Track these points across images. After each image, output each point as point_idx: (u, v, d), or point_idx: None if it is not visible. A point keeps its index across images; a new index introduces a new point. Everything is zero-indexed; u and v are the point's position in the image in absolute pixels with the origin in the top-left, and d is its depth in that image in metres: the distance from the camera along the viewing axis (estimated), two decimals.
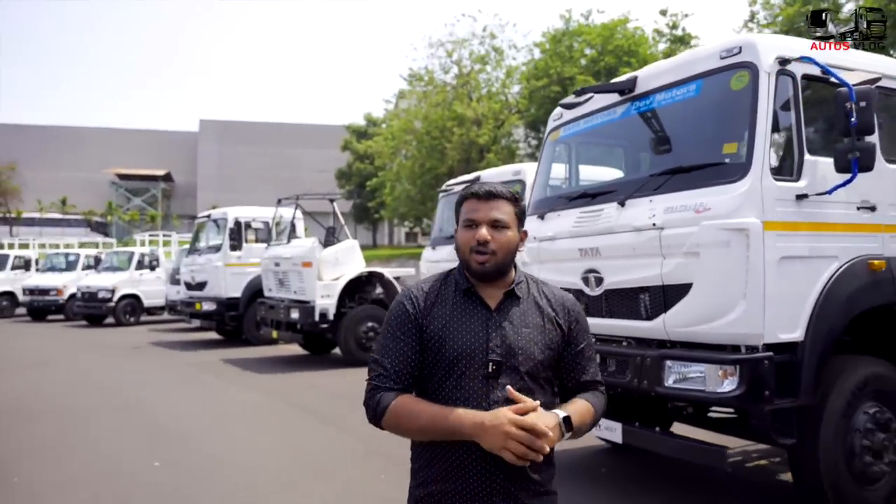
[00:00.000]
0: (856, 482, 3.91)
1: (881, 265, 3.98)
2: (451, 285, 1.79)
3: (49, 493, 4.68)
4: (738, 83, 3.86)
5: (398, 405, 1.64)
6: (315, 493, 4.76)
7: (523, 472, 1.66)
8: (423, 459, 1.73)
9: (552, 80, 29.84)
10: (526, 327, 1.73)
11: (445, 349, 1.69)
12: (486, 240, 1.70)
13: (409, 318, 1.73)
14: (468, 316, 1.72)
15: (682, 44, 31.47)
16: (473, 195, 1.76)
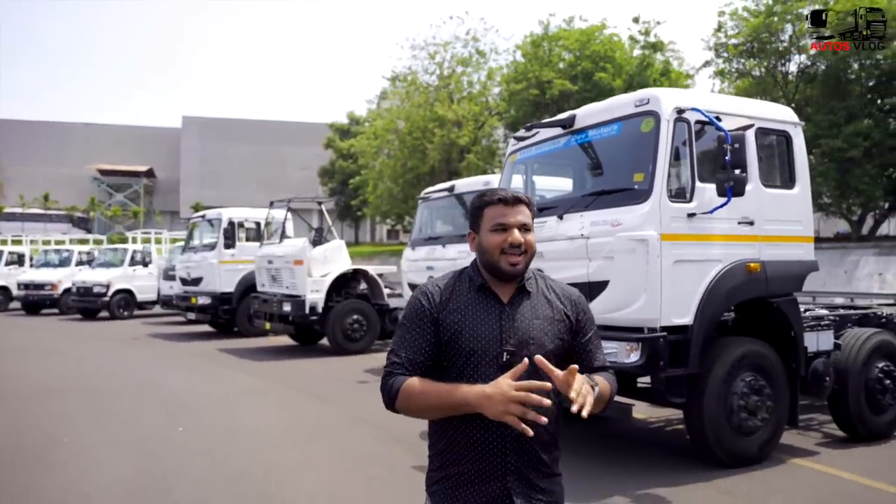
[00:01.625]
0: (735, 434, 5.10)
1: (756, 267, 5.17)
2: (465, 282, 1.90)
3: (97, 450, 5.73)
4: (646, 127, 5.02)
5: (408, 386, 1.76)
6: (313, 451, 5.86)
7: (535, 453, 1.79)
8: (442, 444, 1.85)
9: (531, 84, 30.92)
10: (537, 319, 1.84)
11: (462, 341, 1.79)
12: (520, 242, 1.82)
13: (424, 313, 1.84)
14: (483, 310, 1.83)
15: (654, 50, 32.67)
16: (501, 201, 1.86)
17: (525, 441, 1.74)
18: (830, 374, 5.64)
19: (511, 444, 1.75)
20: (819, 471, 5.12)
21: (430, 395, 1.73)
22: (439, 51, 33.96)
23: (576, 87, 30.13)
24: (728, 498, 4.52)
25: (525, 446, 1.76)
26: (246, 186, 68.26)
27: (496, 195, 1.87)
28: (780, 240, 5.37)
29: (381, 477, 4.99)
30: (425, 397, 1.73)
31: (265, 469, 5.23)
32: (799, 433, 6.26)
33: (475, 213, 1.90)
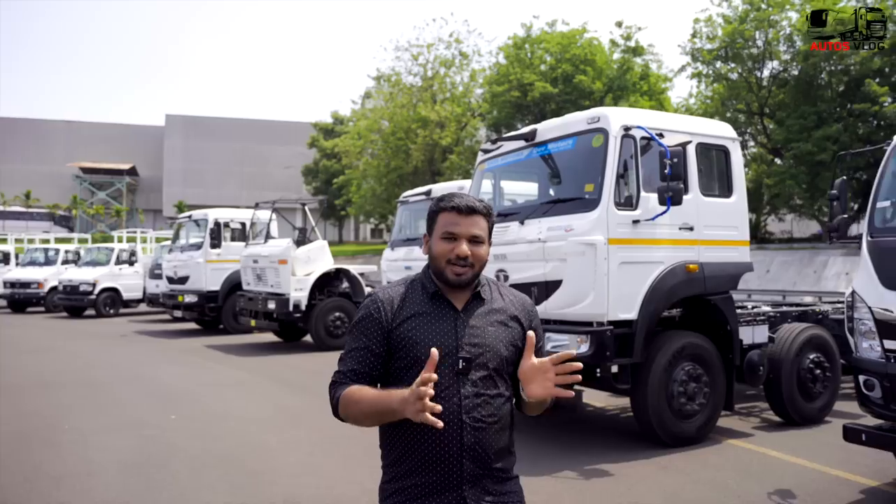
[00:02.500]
0: (675, 417, 5.71)
1: (695, 268, 5.78)
2: (417, 289, 1.86)
3: (96, 435, 6.22)
4: (597, 142, 5.61)
5: (345, 395, 1.76)
6: (296, 434, 6.39)
7: (489, 461, 1.77)
8: (394, 455, 1.82)
9: (512, 86, 31.47)
10: (492, 326, 1.83)
11: (417, 349, 1.76)
12: (466, 255, 1.78)
13: (374, 322, 1.82)
14: (437, 318, 1.80)
15: (634, 54, 33.34)
16: (454, 209, 1.82)
17: (482, 448, 1.74)
18: (764, 365, 6.28)
19: (467, 452, 1.73)
20: (750, 449, 5.74)
21: (363, 403, 1.73)
22: (423, 52, 34.41)
23: (556, 90, 30.73)
24: (663, 472, 5.12)
25: (482, 454, 1.75)
26: (229, 185, 68.29)
27: (451, 202, 1.83)
28: (717, 244, 5.99)
29: (356, 455, 5.54)
30: (359, 405, 1.74)
31: (252, 449, 5.77)
32: (740, 418, 6.90)
33: (430, 217, 1.88)
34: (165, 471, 5.19)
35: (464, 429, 1.72)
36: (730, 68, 28.53)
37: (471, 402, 1.74)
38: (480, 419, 1.74)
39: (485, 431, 1.74)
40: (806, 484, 4.78)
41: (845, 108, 24.94)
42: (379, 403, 1.69)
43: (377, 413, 1.71)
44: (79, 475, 5.07)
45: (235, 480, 4.97)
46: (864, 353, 4.28)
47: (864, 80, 23.73)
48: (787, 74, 27.37)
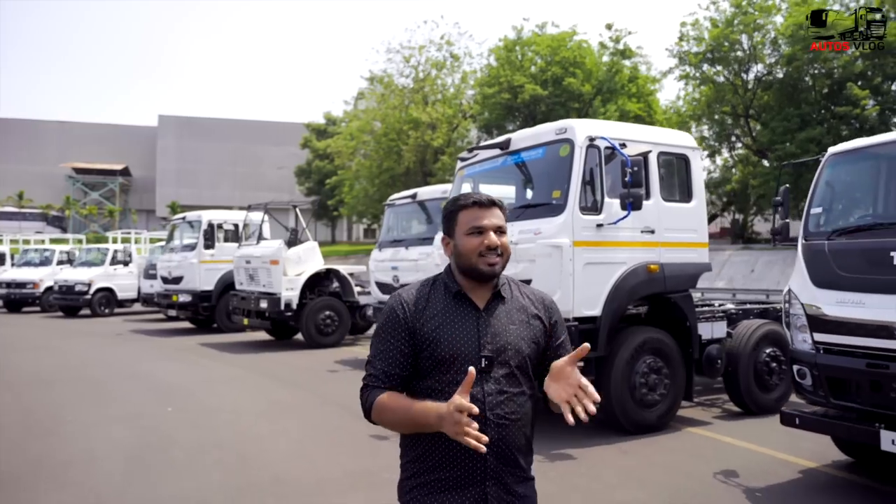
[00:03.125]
0: (637, 406, 6.16)
1: (656, 268, 6.23)
2: (440, 289, 1.90)
3: (97, 425, 6.62)
4: (564, 151, 6.05)
5: (380, 402, 1.78)
6: (286, 424, 6.80)
7: (513, 457, 1.80)
8: (416, 452, 1.83)
9: (503, 88, 31.86)
10: (513, 324, 1.86)
11: (440, 349, 1.79)
12: (496, 244, 1.84)
13: (399, 323, 1.84)
14: (460, 317, 1.83)
15: (623, 57, 33.73)
16: (476, 203, 1.87)
17: (505, 445, 1.78)
18: (722, 358, 6.75)
19: (492, 448, 1.74)
20: (706, 436, 6.19)
21: (398, 413, 1.76)
22: (414, 54, 34.74)
23: (546, 92, 31.10)
24: (623, 455, 5.56)
25: (505, 450, 1.79)
26: (222, 185, 68.47)
27: (471, 198, 1.89)
28: (677, 245, 6.44)
29: (344, 443, 5.96)
30: (394, 414, 1.77)
31: (244, 438, 6.19)
32: (703, 408, 7.37)
33: (449, 217, 1.91)
34: (163, 457, 5.60)
35: (487, 425, 1.74)
36: (716, 71, 29.04)
37: (494, 400, 1.77)
38: (504, 416, 1.78)
39: (508, 428, 1.78)
40: (751, 465, 5.23)
41: (829, 111, 25.37)
42: (416, 416, 1.72)
43: (413, 425, 1.76)
44: (83, 461, 5.48)
45: (228, 465, 5.38)
46: (797, 346, 4.73)
47: (846, 83, 24.20)
48: (772, 77, 27.88)
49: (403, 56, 34.65)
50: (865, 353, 4.24)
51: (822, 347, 4.54)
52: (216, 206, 49.48)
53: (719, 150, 31.74)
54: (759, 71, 28.42)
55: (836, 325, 4.41)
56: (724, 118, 30.12)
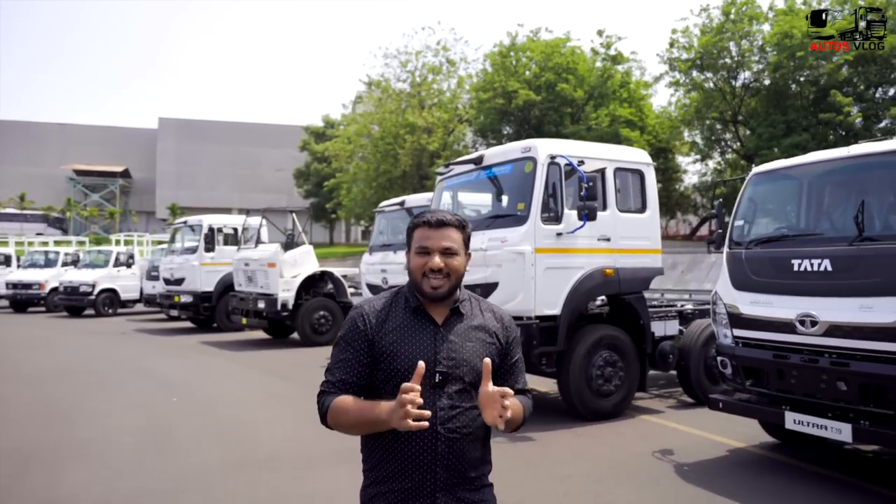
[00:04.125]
0: (594, 396, 6.88)
1: (611, 272, 6.96)
2: (400, 302, 1.93)
3: (109, 413, 7.33)
4: (528, 168, 6.78)
5: (335, 404, 1.84)
6: (282, 413, 7.53)
7: (463, 471, 1.84)
8: (373, 461, 1.88)
9: (497, 93, 32.54)
10: (470, 341, 1.88)
11: (397, 362, 1.83)
12: (439, 267, 1.84)
13: (359, 334, 1.89)
14: (417, 331, 1.87)
15: (614, 63, 34.40)
16: (425, 223, 1.89)
17: (455, 458, 1.82)
18: (675, 353, 7.48)
19: (441, 460, 1.80)
20: (656, 422, 6.92)
21: (351, 413, 1.81)
22: (411, 59, 35.40)
23: (539, 97, 31.77)
24: (577, 438, 6.29)
25: (455, 463, 1.82)
26: (221, 187, 69.17)
27: (422, 218, 1.92)
28: (631, 252, 7.17)
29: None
30: (348, 416, 1.81)
31: (243, 423, 6.92)
32: (660, 399, 8.09)
33: (407, 234, 1.96)
34: (170, 438, 6.33)
35: (438, 439, 1.79)
36: (704, 78, 29.72)
37: (446, 414, 1.80)
38: (455, 430, 1.81)
39: (459, 442, 1.81)
40: (687, 446, 5.95)
41: (814, 118, 25.94)
42: (367, 414, 1.77)
43: (365, 423, 1.79)
44: (99, 441, 6.20)
45: (228, 445, 6.10)
46: (721, 340, 5.46)
47: (831, 90, 24.83)
48: (759, 84, 28.57)
49: (400, 61, 35.34)
50: (772, 345, 4.97)
51: (740, 341, 5.26)
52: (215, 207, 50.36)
53: (711, 154, 32.43)
54: (746, 78, 29.08)
55: (750, 322, 5.14)
56: (713, 124, 30.79)
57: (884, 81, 25.92)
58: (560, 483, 4.97)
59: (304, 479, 5.16)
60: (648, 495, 4.78)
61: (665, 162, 35.94)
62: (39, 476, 5.20)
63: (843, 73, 25.43)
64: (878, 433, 4.43)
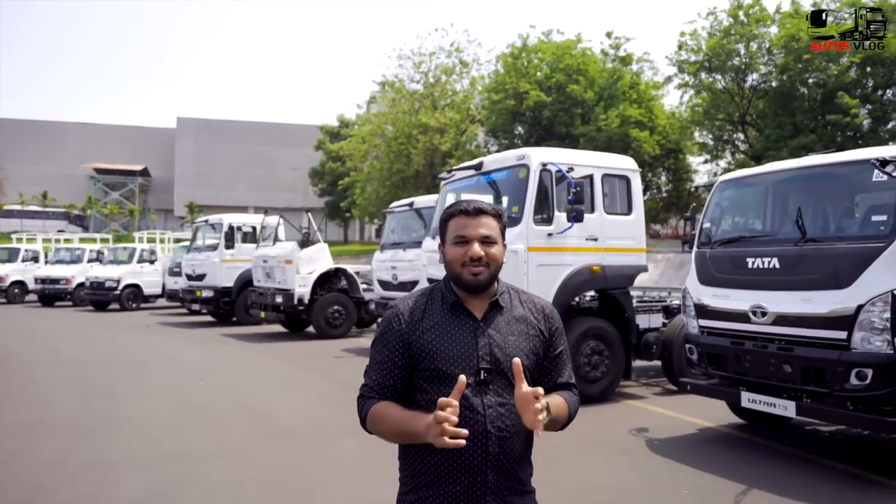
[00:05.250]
0: (582, 382, 7.55)
1: (598, 269, 7.63)
2: (437, 299, 1.85)
3: (144, 394, 8.12)
4: (522, 174, 7.47)
5: (374, 411, 1.77)
6: (297, 394, 8.28)
7: (513, 471, 1.76)
8: (415, 466, 1.79)
9: (508, 95, 33.10)
10: (512, 335, 1.80)
11: (437, 361, 1.75)
12: (479, 256, 1.77)
13: (395, 335, 1.81)
14: (456, 327, 1.79)
15: (624, 64, 34.83)
16: (462, 212, 1.83)
17: (506, 458, 1.74)
18: (658, 344, 8.15)
19: (492, 462, 1.72)
20: (638, 406, 7.59)
21: (390, 422, 1.74)
22: (424, 60, 35.96)
23: (550, 98, 32.27)
24: None
25: (506, 464, 1.75)
26: (238, 186, 70.26)
27: (458, 206, 1.85)
28: (617, 251, 7.83)
29: (343, 407, 7.38)
30: (387, 425, 1.74)
31: (263, 403, 7.67)
32: (647, 387, 8.75)
33: (442, 226, 1.89)
34: (200, 415, 7.10)
35: (489, 438, 1.71)
36: (712, 81, 30.12)
37: (495, 412, 1.73)
38: (505, 428, 1.73)
39: (509, 441, 1.74)
40: (662, 425, 6.62)
41: (824, 118, 26.20)
42: (405, 426, 1.69)
43: (404, 435, 1.72)
44: (138, 417, 6.98)
45: (251, 421, 6.86)
46: (690, 330, 6.13)
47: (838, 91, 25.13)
48: (767, 86, 28.93)
49: (414, 62, 35.89)
50: (730, 334, 5.64)
51: (705, 330, 5.93)
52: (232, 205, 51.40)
53: (722, 154, 32.80)
54: (754, 80, 29.44)
55: (713, 313, 5.80)
56: (722, 125, 31.18)
57: (892, 83, 26.19)
58: (539, 452, 5.65)
59: (318, 447, 5.90)
60: (618, 462, 5.47)
61: (675, 162, 36.44)
62: (89, 444, 5.97)
63: (851, 74, 25.71)
64: (817, 409, 5.10)
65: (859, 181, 5.14)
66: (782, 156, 24.81)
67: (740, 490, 4.73)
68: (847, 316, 4.76)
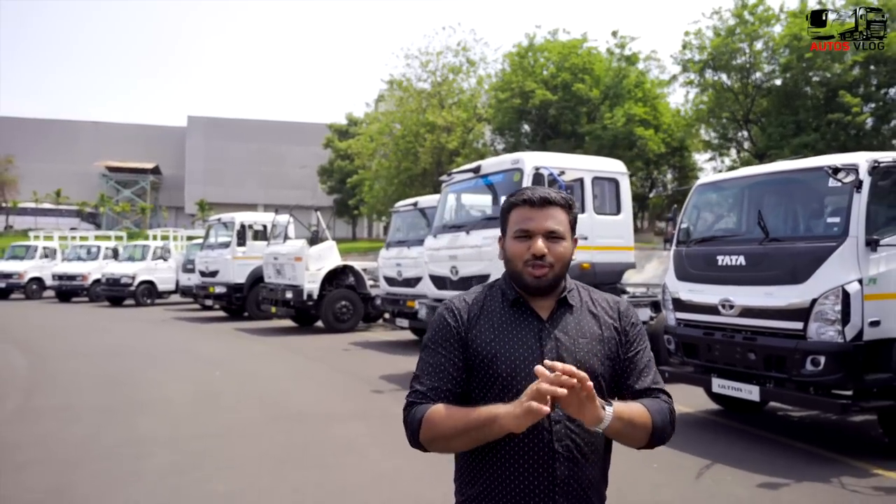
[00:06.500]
0: None
1: (588, 266, 8.16)
2: (496, 295, 1.66)
3: (165, 382, 8.71)
4: (517, 177, 8.00)
5: (432, 412, 1.53)
6: (307, 384, 8.85)
7: (586, 496, 1.55)
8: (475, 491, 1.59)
9: (515, 93, 33.53)
10: (583, 338, 1.58)
11: (497, 365, 1.55)
12: (542, 253, 1.57)
13: (450, 333, 1.61)
14: (519, 328, 1.58)
15: (629, 63, 35.18)
16: (526, 202, 1.62)
17: (577, 482, 1.52)
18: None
19: (560, 486, 1.51)
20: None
21: (456, 418, 1.49)
22: (432, 59, 36.35)
23: (556, 97, 32.68)
24: None
25: (577, 489, 1.53)
26: (248, 184, 71.02)
27: (522, 195, 1.65)
28: (607, 249, 8.36)
29: (349, 395, 7.98)
30: (452, 420, 1.49)
31: (275, 390, 8.25)
32: None
33: (503, 216, 1.72)
34: (218, 400, 7.68)
35: (556, 459, 1.51)
36: (714, 80, 30.43)
37: (563, 429, 1.52)
38: (575, 448, 1.53)
39: (579, 463, 1.53)
40: None
41: (826, 117, 26.48)
42: (477, 416, 1.45)
43: (475, 425, 1.46)
44: (160, 401, 7.57)
45: (264, 405, 7.43)
46: (668, 322, 6.64)
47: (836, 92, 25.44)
48: (771, 85, 29.24)
49: (421, 61, 36.27)
50: (702, 325, 6.15)
51: (681, 322, 6.44)
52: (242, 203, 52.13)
53: (727, 152, 33.15)
54: (758, 78, 29.74)
55: (688, 306, 6.31)
56: (727, 123, 31.50)
57: (894, 82, 26.43)
58: None
59: (328, 429, 6.46)
60: None
61: (681, 160, 36.82)
62: (118, 424, 6.56)
63: (854, 73, 25.94)
64: (778, 393, 5.62)
65: (817, 186, 5.64)
66: (784, 154, 25.15)
67: (705, 465, 5.26)
68: (803, 308, 5.26)
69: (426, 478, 4.86)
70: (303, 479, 4.96)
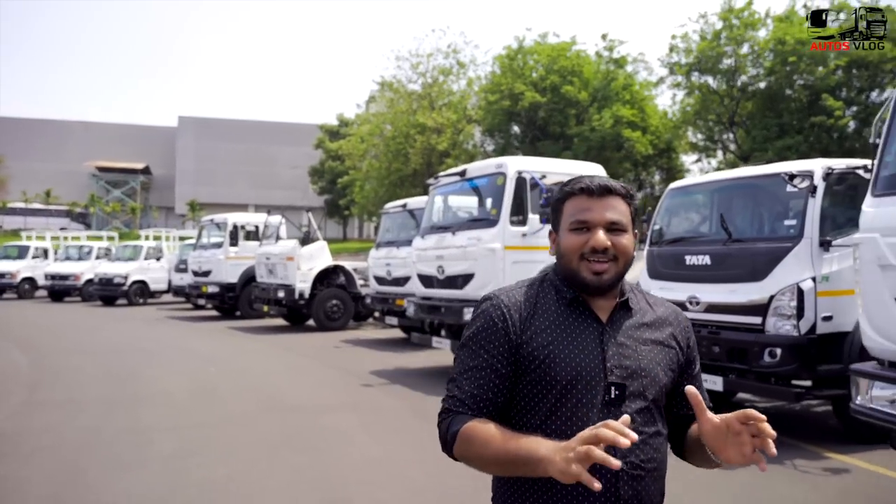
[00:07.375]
0: None
1: None
2: (549, 293, 1.49)
3: (164, 377, 9.04)
4: (500, 181, 8.39)
5: (467, 430, 1.36)
6: (301, 379, 9.21)
7: None
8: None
9: (504, 95, 33.95)
10: (644, 345, 1.45)
11: (555, 372, 1.38)
12: (605, 246, 1.41)
13: (498, 334, 1.43)
14: (578, 331, 1.42)
15: (617, 65, 35.66)
16: (584, 191, 1.46)
17: (639, 502, 1.37)
18: None
19: None
20: None
21: (494, 447, 1.31)
22: (422, 61, 36.72)
23: (545, 99, 33.11)
24: None
25: None
26: (239, 184, 71.15)
27: (578, 184, 1.48)
28: None
29: (341, 388, 8.34)
30: (488, 448, 1.31)
31: (269, 385, 8.61)
32: None
33: (555, 208, 1.53)
34: (214, 394, 8.03)
35: (620, 478, 1.35)
36: (701, 83, 30.96)
37: None
38: (639, 465, 1.37)
39: (643, 480, 1.38)
40: None
41: (809, 119, 27.04)
42: (517, 451, 1.26)
43: (512, 461, 1.28)
44: (160, 395, 7.92)
45: (260, 398, 7.79)
46: None
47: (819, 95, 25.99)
48: (755, 88, 29.79)
49: (412, 63, 36.66)
50: None
51: None
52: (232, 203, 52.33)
53: (714, 153, 33.69)
54: (743, 81, 30.29)
55: None
56: (713, 125, 32.03)
57: (875, 86, 27.02)
58: None
59: (320, 418, 6.83)
60: None
61: (668, 161, 37.34)
62: (120, 415, 6.90)
63: (836, 77, 26.49)
64: (740, 383, 6.04)
65: (776, 191, 6.06)
66: (768, 156, 25.70)
67: None
68: (762, 304, 5.69)
69: (414, 462, 5.24)
70: (297, 463, 5.32)
